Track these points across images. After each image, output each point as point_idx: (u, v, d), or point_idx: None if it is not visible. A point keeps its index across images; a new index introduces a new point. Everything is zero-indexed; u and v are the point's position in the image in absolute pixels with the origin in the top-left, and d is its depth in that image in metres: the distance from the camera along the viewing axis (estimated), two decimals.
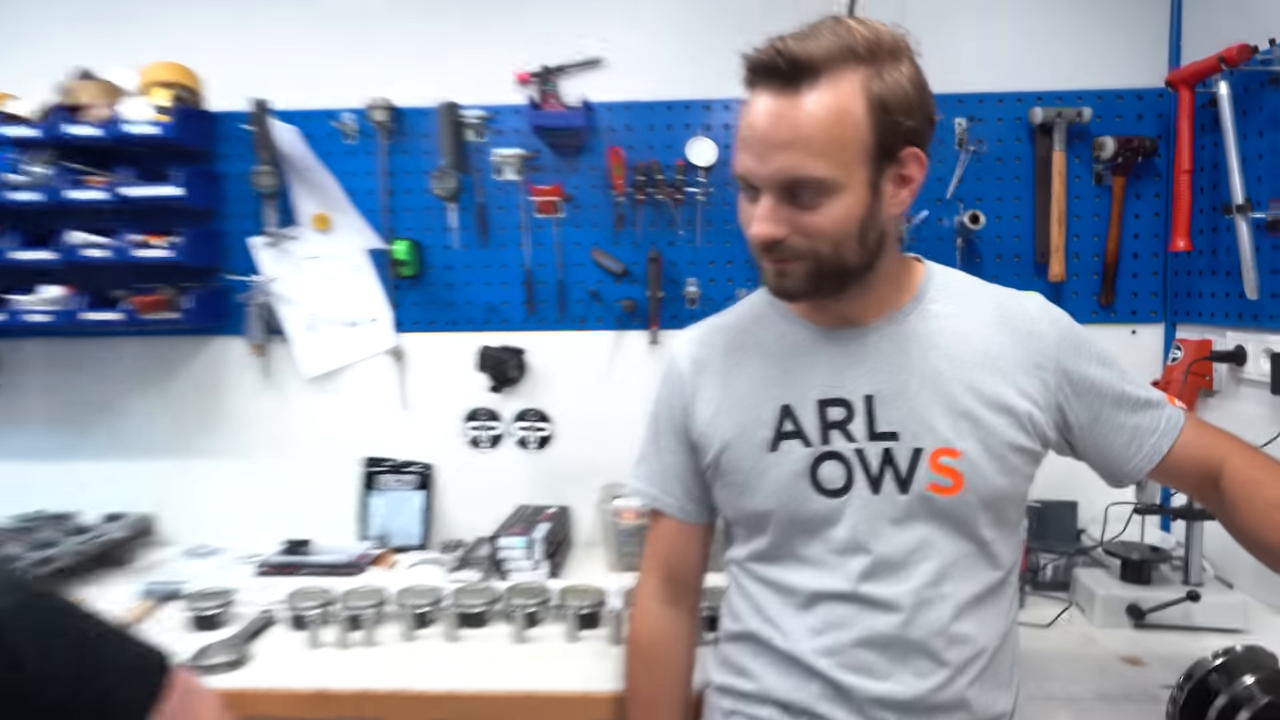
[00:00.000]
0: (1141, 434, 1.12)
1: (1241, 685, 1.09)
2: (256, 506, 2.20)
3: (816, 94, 0.95)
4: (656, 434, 1.26)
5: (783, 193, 0.98)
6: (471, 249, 2.11)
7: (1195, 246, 1.84)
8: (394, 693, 1.47)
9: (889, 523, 1.07)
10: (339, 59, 2.09)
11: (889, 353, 1.09)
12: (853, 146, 0.96)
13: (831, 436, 1.08)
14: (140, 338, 2.16)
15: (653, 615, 1.28)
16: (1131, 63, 1.98)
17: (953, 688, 1.06)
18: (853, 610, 1.08)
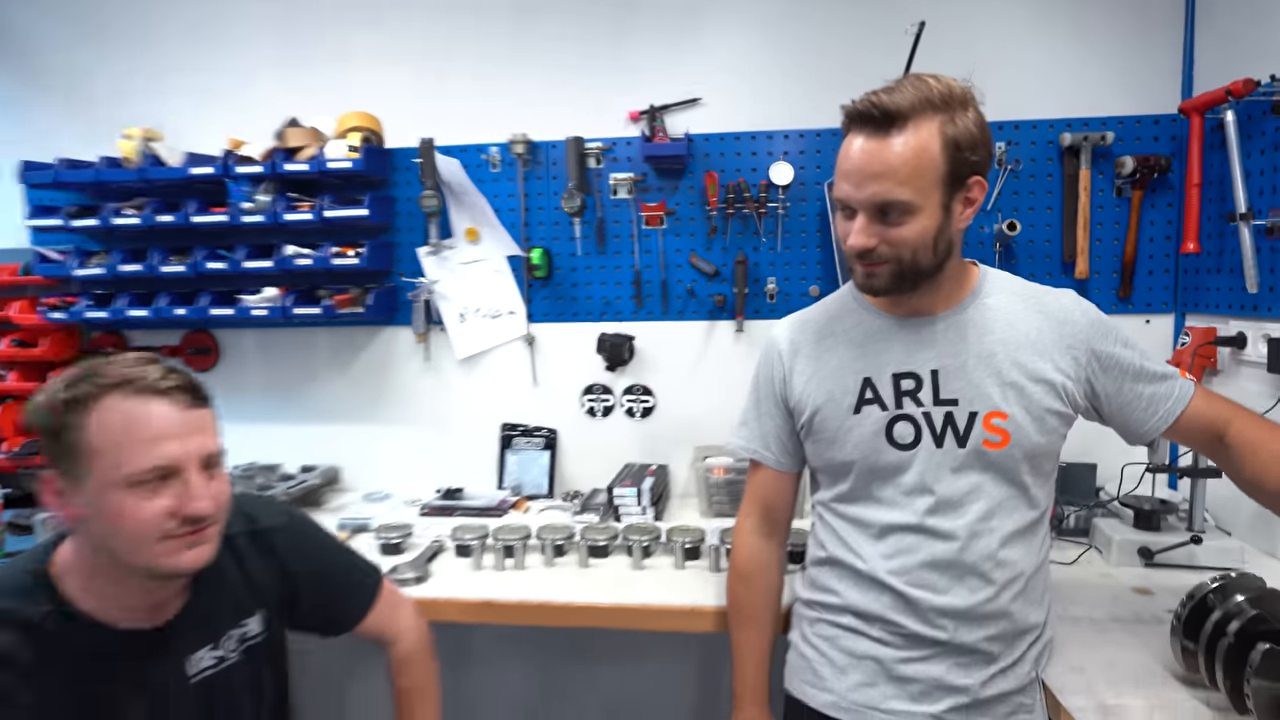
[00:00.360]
0: (1157, 401, 1.21)
1: (1233, 602, 1.14)
2: (418, 461, 2.41)
3: (902, 137, 1.08)
4: (758, 401, 1.39)
5: (874, 212, 1.11)
6: (591, 255, 2.27)
7: (1203, 248, 1.91)
8: (543, 604, 1.63)
9: (949, 470, 1.19)
10: (487, 104, 2.28)
11: (952, 338, 1.21)
12: (929, 176, 1.09)
13: (904, 402, 1.20)
14: (330, 327, 2.41)
15: (751, 545, 1.40)
16: (1149, 93, 2.04)
17: (998, 601, 1.18)
18: (918, 539, 1.20)
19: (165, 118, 2.30)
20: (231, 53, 2.32)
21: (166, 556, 1.04)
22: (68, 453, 1.01)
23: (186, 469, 1.04)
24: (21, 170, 2.20)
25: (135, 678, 1.13)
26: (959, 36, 2.01)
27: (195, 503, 1.04)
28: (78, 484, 1.01)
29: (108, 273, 2.21)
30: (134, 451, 1.00)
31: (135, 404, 1.02)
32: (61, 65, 2.37)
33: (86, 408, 1.00)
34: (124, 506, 1.00)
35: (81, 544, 1.08)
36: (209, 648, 1.22)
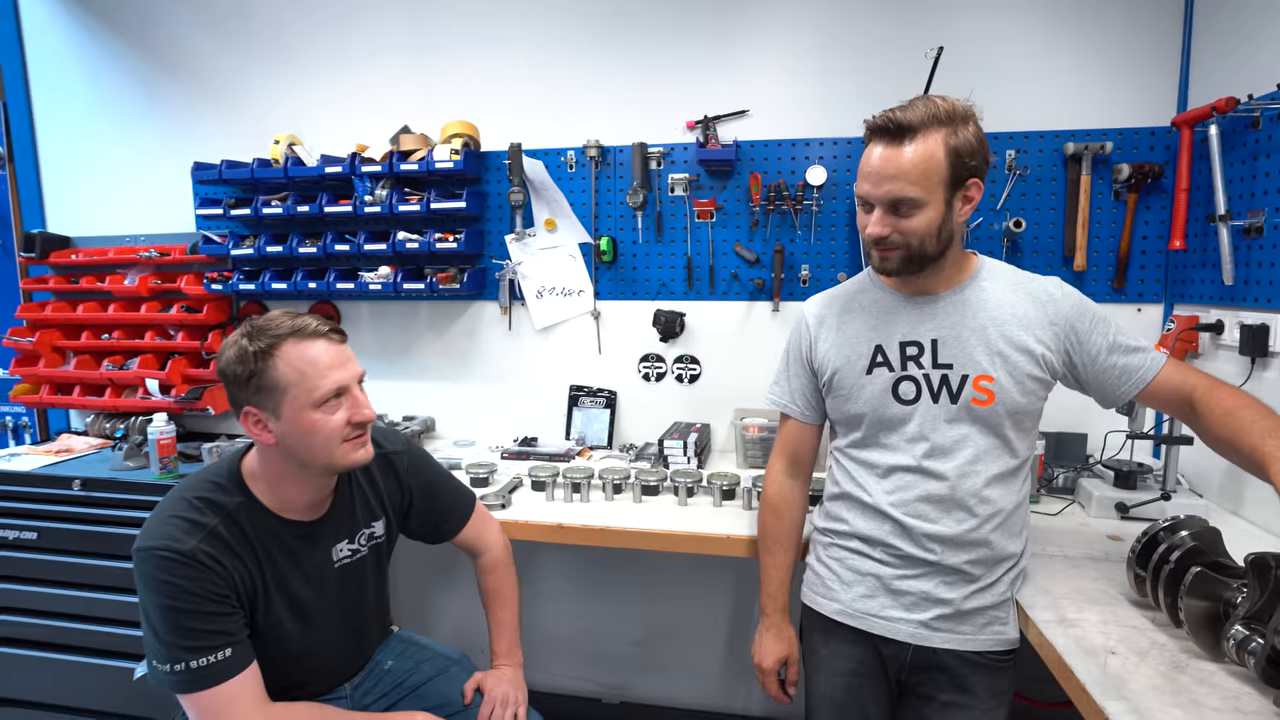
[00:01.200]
0: (1130, 370, 1.29)
1: (1178, 537, 1.22)
2: (499, 414, 2.58)
3: (913, 145, 1.20)
4: (788, 364, 1.51)
5: (889, 207, 1.23)
6: (650, 243, 2.38)
7: (1188, 245, 1.95)
8: (605, 528, 1.79)
9: (943, 422, 1.30)
10: (565, 114, 2.40)
11: (950, 313, 1.31)
12: (935, 178, 1.20)
13: (908, 365, 1.32)
14: (430, 301, 2.57)
15: (780, 484, 1.53)
16: (1146, 107, 2.07)
17: (979, 532, 1.29)
18: (915, 478, 1.31)
19: (303, 125, 2.52)
20: (358, 68, 2.50)
21: (347, 455, 1.29)
22: (262, 390, 1.22)
23: (352, 388, 1.28)
24: (194, 169, 2.45)
25: (297, 557, 1.35)
26: (975, 57, 2.07)
27: (364, 410, 1.29)
28: (274, 413, 1.23)
29: (256, 253, 2.43)
30: (316, 380, 1.23)
31: (307, 346, 1.23)
32: (221, 80, 2.60)
33: (271, 355, 1.21)
34: (316, 422, 1.23)
35: (270, 458, 1.29)
36: (346, 541, 1.44)
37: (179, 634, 1.18)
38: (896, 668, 1.36)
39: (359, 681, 1.55)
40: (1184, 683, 1.06)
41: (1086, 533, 1.67)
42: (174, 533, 1.20)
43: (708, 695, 2.50)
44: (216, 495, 1.27)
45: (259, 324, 1.24)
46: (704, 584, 2.45)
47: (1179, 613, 1.15)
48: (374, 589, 1.54)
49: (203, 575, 1.19)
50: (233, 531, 1.25)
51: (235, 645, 1.22)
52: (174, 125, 2.65)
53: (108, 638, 2.26)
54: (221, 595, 1.22)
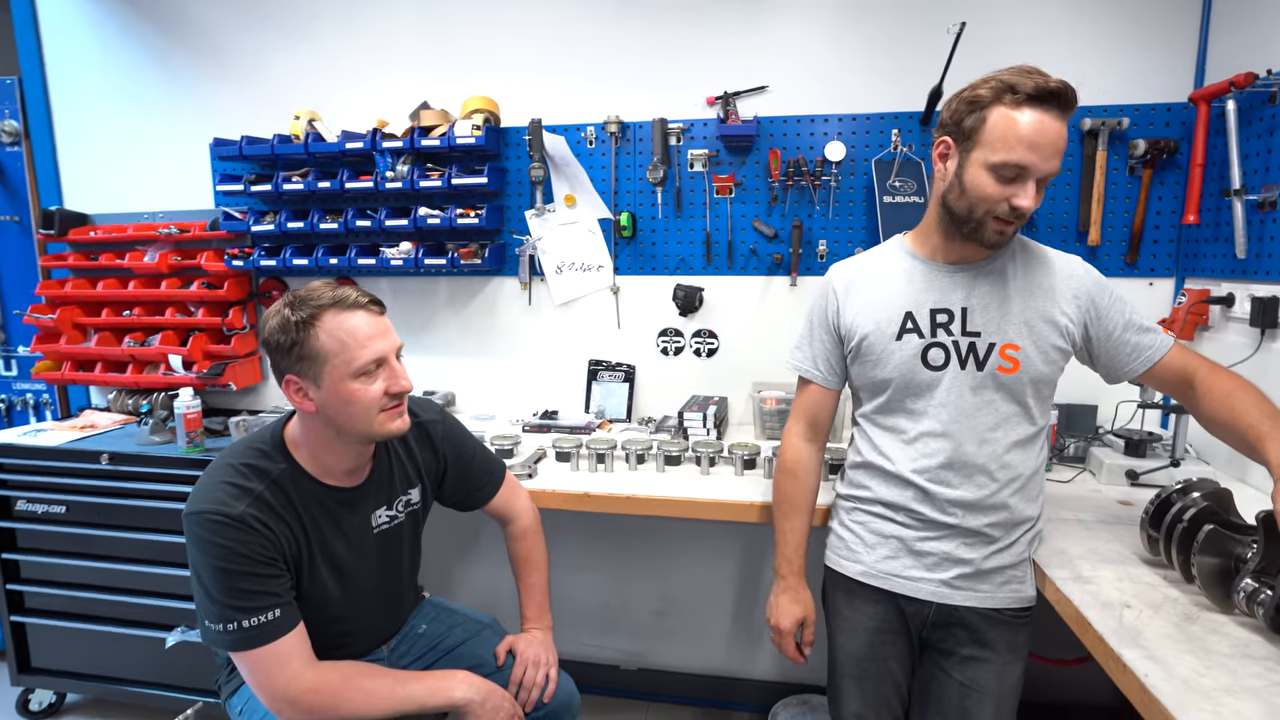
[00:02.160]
0: (1140, 349, 1.35)
1: (1191, 498, 1.29)
2: (518, 388, 2.63)
3: (1062, 120, 1.21)
4: (811, 329, 1.52)
5: (1042, 182, 1.24)
6: (670, 218, 2.42)
7: (1201, 220, 2.00)
8: (630, 496, 1.84)
9: (969, 389, 1.34)
10: (584, 90, 2.43)
11: (981, 282, 1.36)
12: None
13: (937, 332, 1.36)
14: (450, 277, 2.62)
15: (798, 447, 1.55)
16: (1162, 83, 2.11)
17: (999, 495, 1.35)
18: (939, 443, 1.36)
19: (321, 101, 2.55)
20: (376, 44, 2.52)
21: (384, 424, 1.34)
22: (303, 359, 1.27)
23: (390, 359, 1.33)
24: (214, 145, 2.48)
25: (339, 522, 1.42)
26: (997, 33, 2.11)
27: (401, 381, 1.35)
28: (315, 381, 1.28)
29: (277, 229, 2.47)
30: (356, 351, 1.27)
31: (347, 317, 1.28)
32: (238, 55, 2.62)
33: (312, 325, 1.26)
34: (354, 392, 1.28)
35: (311, 425, 1.36)
36: (385, 508, 1.50)
37: (231, 594, 1.24)
38: (919, 625, 1.43)
39: (395, 644, 1.63)
40: (1195, 632, 1.14)
41: (1098, 498, 1.74)
42: (223, 497, 1.26)
43: (720, 660, 2.60)
44: (262, 462, 1.34)
45: (301, 295, 1.29)
46: (714, 553, 2.53)
47: (1191, 568, 1.23)
48: (409, 555, 1.62)
49: (252, 538, 1.25)
50: (278, 497, 1.31)
51: (283, 606, 1.29)
52: (191, 101, 2.67)
53: (138, 608, 2.34)
54: (270, 558, 1.28)
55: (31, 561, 2.41)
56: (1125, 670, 1.06)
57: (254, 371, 2.73)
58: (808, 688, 2.44)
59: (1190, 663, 1.05)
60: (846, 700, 1.51)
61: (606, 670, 2.66)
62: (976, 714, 1.39)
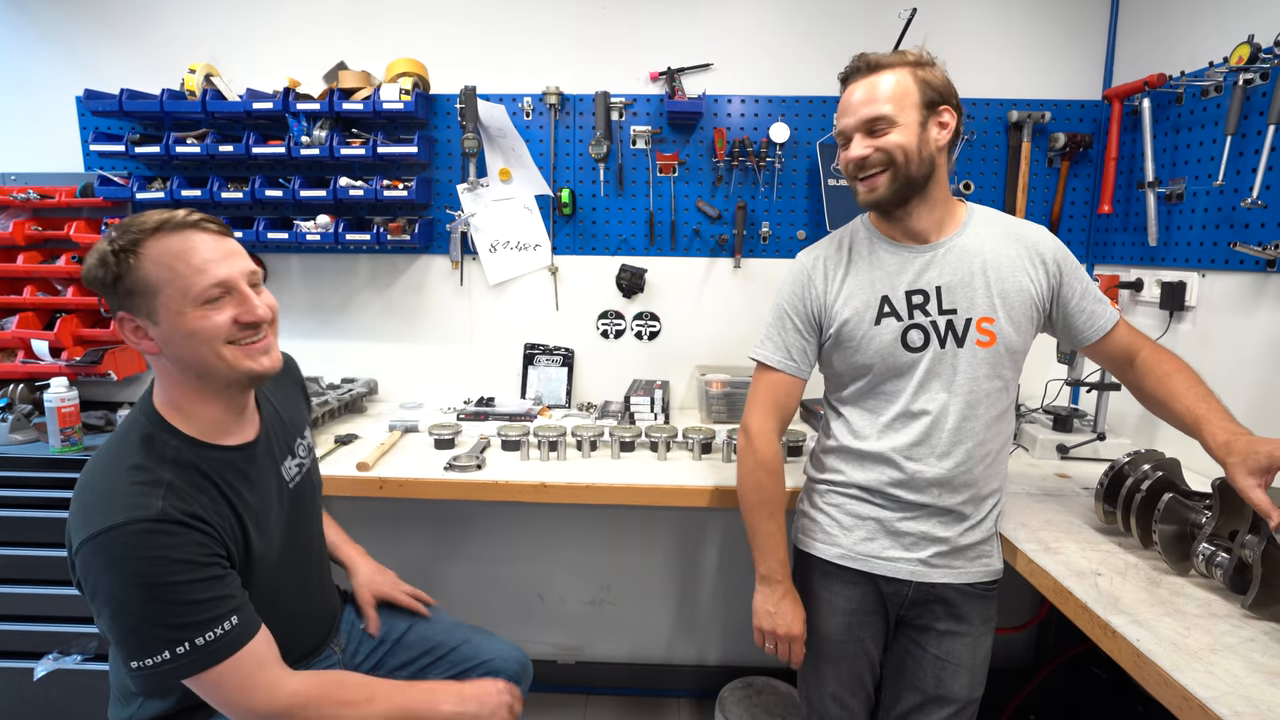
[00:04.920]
0: (1095, 318, 1.40)
1: (1142, 470, 1.38)
2: (448, 375, 2.49)
3: (883, 75, 1.30)
4: (782, 319, 1.46)
5: (865, 129, 1.31)
6: (611, 196, 2.34)
7: (1114, 210, 2.12)
8: (589, 485, 1.76)
9: (949, 366, 1.35)
10: (523, 57, 2.29)
11: (951, 260, 1.36)
12: (906, 100, 1.29)
13: (914, 314, 1.35)
14: (370, 254, 2.41)
15: (771, 442, 1.46)
16: (1078, 81, 2.25)
17: (973, 472, 1.37)
18: (917, 422, 1.36)
19: (220, 56, 2.26)
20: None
21: (241, 361, 1.12)
22: (132, 293, 1.06)
23: (238, 285, 1.11)
24: (85, 98, 2.13)
25: (258, 486, 1.22)
26: (933, 27, 2.15)
27: (253, 309, 1.12)
28: (150, 317, 1.07)
29: (168, 197, 2.17)
30: (191, 277, 1.06)
31: (177, 239, 1.06)
32: (119, 1, 2.28)
33: (136, 252, 1.05)
34: (195, 323, 1.07)
35: (167, 374, 1.13)
36: (290, 458, 1.33)
37: (174, 612, 1.02)
38: (897, 604, 1.45)
39: (345, 644, 1.50)
40: (1162, 595, 1.21)
41: (1037, 474, 1.83)
42: (130, 502, 1.02)
43: (661, 648, 2.57)
44: (150, 446, 1.10)
45: (125, 222, 1.08)
46: (649, 539, 2.50)
47: (1152, 535, 1.30)
48: (315, 502, 1.45)
49: (182, 538, 1.03)
50: (188, 477, 1.10)
51: (240, 610, 1.09)
52: (50, 46, 2.30)
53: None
54: (210, 556, 1.07)
55: None
56: (1115, 636, 1.10)
57: (138, 358, 2.40)
58: (752, 670, 2.45)
59: (1171, 625, 1.11)
60: (823, 681, 1.51)
61: (543, 666, 2.57)
62: (951, 685, 1.43)
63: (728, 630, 2.54)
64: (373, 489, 1.76)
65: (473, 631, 1.60)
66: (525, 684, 1.56)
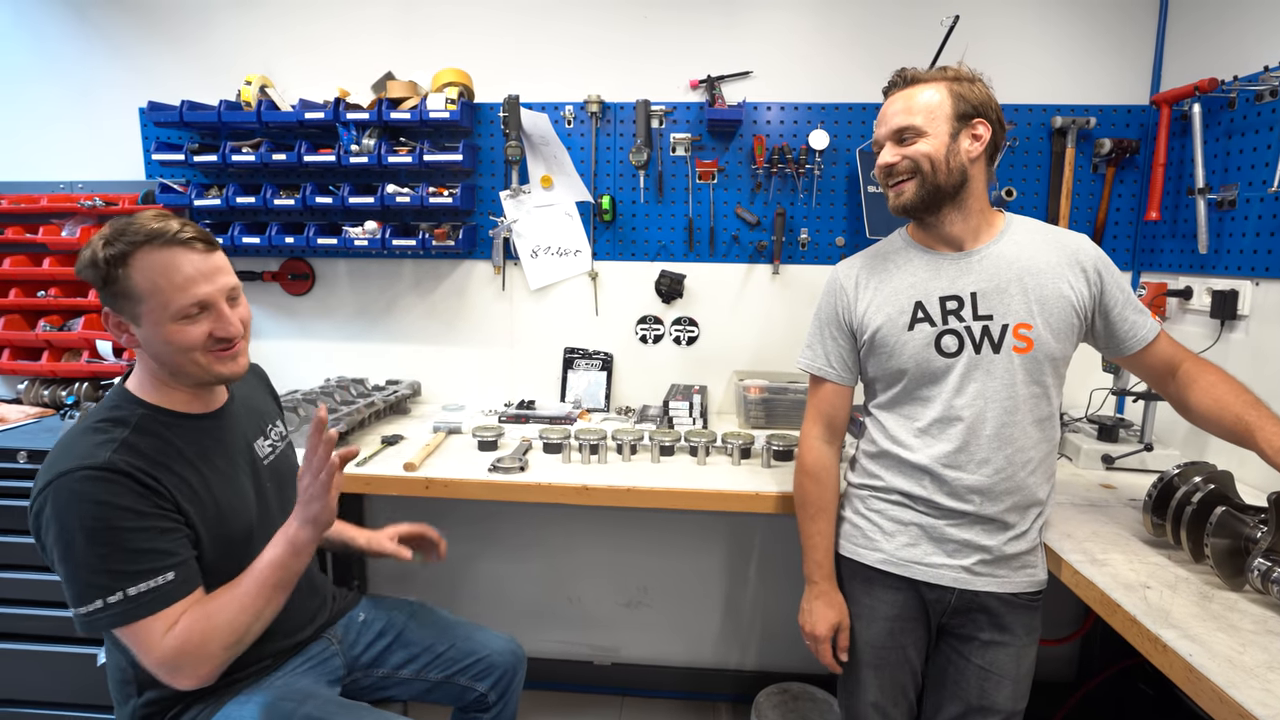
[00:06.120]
0: (1137, 328, 1.39)
1: (1193, 482, 1.34)
2: (489, 378, 2.52)
3: (918, 88, 1.35)
4: (821, 328, 1.51)
5: (895, 138, 1.36)
6: (651, 203, 2.35)
7: (1162, 217, 2.08)
8: (630, 488, 1.77)
9: (985, 372, 1.34)
10: (565, 67, 2.32)
11: (987, 267, 1.37)
12: (937, 112, 1.33)
13: (949, 319, 1.36)
14: (415, 259, 2.46)
15: (818, 450, 1.51)
16: (1125, 86, 2.21)
17: (1015, 479, 1.36)
18: (955, 429, 1.36)
19: (273, 67, 2.33)
20: (334, 9, 2.33)
21: (213, 366, 1.22)
22: (118, 297, 1.15)
23: (217, 302, 1.19)
24: (149, 110, 2.21)
25: (227, 450, 1.30)
26: (975, 33, 2.14)
27: (227, 326, 1.21)
28: (134, 320, 1.17)
29: (224, 204, 2.24)
30: (173, 293, 1.14)
31: (164, 255, 1.14)
32: (171, 10, 2.36)
33: (125, 263, 1.12)
34: (172, 334, 1.16)
35: (143, 360, 1.24)
36: (261, 438, 1.41)
37: (111, 558, 1.07)
38: (939, 611, 1.44)
39: (342, 636, 1.54)
40: (1215, 610, 1.18)
41: (1081, 483, 1.80)
42: (83, 451, 1.10)
43: (697, 652, 2.58)
44: (113, 413, 1.19)
45: (120, 225, 1.15)
46: (690, 543, 2.50)
47: (1204, 549, 1.27)
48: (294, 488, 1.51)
49: (126, 488, 1.09)
50: (147, 441, 1.16)
51: (179, 567, 1.12)
52: (117, 61, 2.39)
53: (58, 622, 2.09)
54: (155, 509, 1.12)
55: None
56: (1166, 650, 1.09)
57: None
58: (788, 676, 2.45)
59: (1225, 641, 1.09)
60: (864, 689, 1.50)
61: (578, 666, 2.59)
62: (995, 695, 1.41)
63: (765, 635, 2.53)
64: (419, 489, 1.79)
65: (467, 629, 1.63)
66: (519, 676, 1.63)
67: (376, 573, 2.60)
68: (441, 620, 1.64)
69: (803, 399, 1.93)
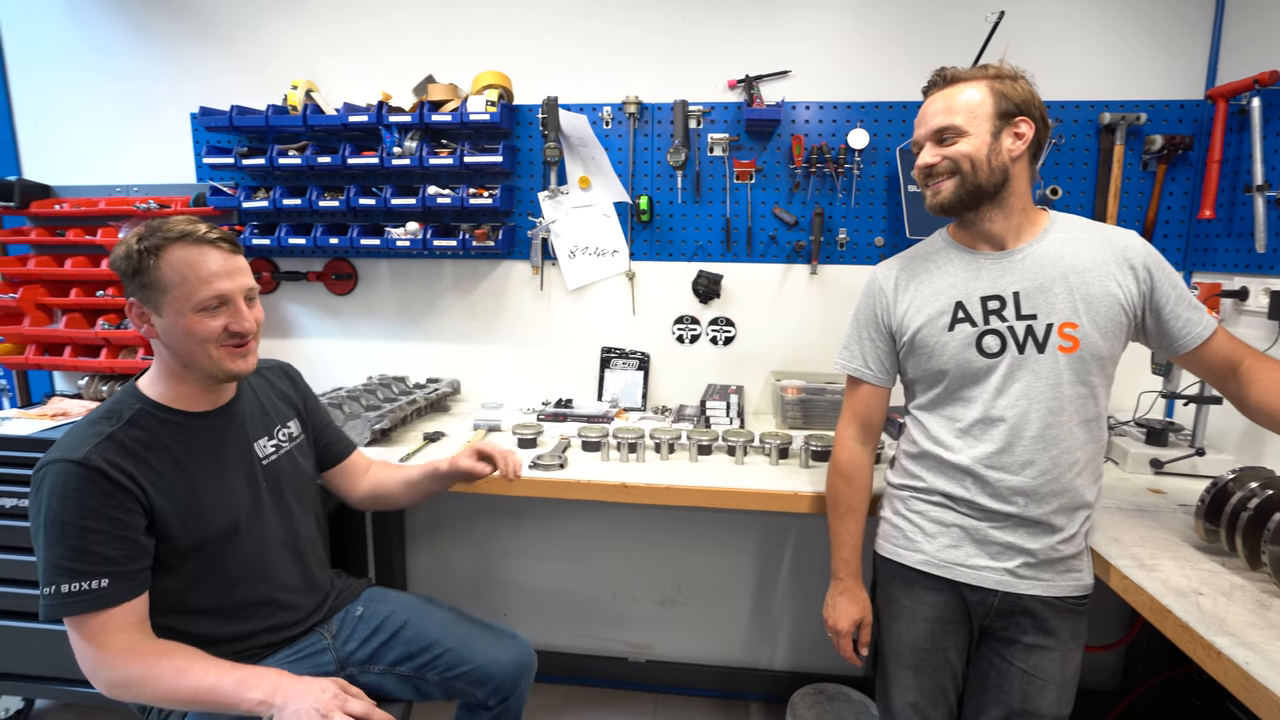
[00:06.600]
0: (1191, 325, 1.34)
1: (1249, 487, 1.31)
2: (527, 376, 2.55)
3: (959, 88, 1.34)
4: (859, 329, 1.51)
5: (935, 138, 1.35)
6: (688, 204, 2.36)
7: (1216, 215, 2.02)
8: (669, 486, 1.77)
9: (1029, 372, 1.32)
10: (603, 67, 2.34)
11: (1031, 265, 1.34)
12: (978, 111, 1.31)
13: (990, 319, 1.34)
14: (455, 260, 2.49)
15: (852, 449, 1.53)
16: (1177, 80, 2.15)
17: (1061, 480, 1.33)
18: (998, 430, 1.34)
19: (317, 72, 2.39)
20: (375, 14, 2.38)
21: (224, 360, 1.30)
22: (146, 287, 1.24)
23: (235, 299, 1.29)
24: (200, 115, 2.28)
25: (219, 451, 1.36)
26: (1019, 29, 2.11)
27: (242, 322, 1.30)
28: (156, 310, 1.26)
29: (271, 205, 2.31)
30: (197, 286, 1.24)
31: (194, 251, 1.25)
32: (221, 19, 2.44)
33: (157, 255, 1.23)
34: (192, 325, 1.25)
35: (159, 352, 1.32)
36: (266, 438, 1.47)
37: (62, 551, 1.14)
38: (982, 613, 1.42)
39: (337, 630, 1.55)
40: (1273, 618, 1.15)
41: (1129, 487, 1.76)
42: (71, 443, 1.19)
43: (732, 651, 2.58)
44: (114, 407, 1.28)
45: (154, 224, 1.26)
46: (724, 542, 2.50)
47: (1261, 556, 1.24)
48: (308, 500, 1.56)
49: (98, 484, 1.16)
50: (134, 434, 1.24)
51: (115, 578, 1.17)
52: (170, 67, 2.48)
53: None
54: (120, 510, 1.18)
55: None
56: (1221, 658, 1.06)
57: None
58: (822, 677, 2.43)
59: None
60: (902, 690, 1.49)
61: (614, 663, 2.61)
62: (1038, 700, 1.39)
63: (800, 636, 2.52)
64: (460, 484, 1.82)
65: (470, 630, 1.60)
66: (524, 682, 1.61)
67: (415, 563, 2.65)
68: (445, 619, 1.61)
69: (840, 400, 1.93)
